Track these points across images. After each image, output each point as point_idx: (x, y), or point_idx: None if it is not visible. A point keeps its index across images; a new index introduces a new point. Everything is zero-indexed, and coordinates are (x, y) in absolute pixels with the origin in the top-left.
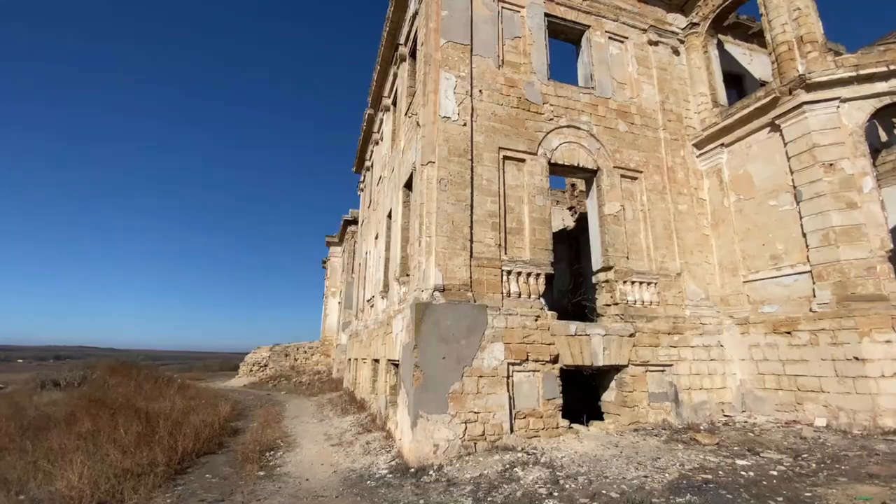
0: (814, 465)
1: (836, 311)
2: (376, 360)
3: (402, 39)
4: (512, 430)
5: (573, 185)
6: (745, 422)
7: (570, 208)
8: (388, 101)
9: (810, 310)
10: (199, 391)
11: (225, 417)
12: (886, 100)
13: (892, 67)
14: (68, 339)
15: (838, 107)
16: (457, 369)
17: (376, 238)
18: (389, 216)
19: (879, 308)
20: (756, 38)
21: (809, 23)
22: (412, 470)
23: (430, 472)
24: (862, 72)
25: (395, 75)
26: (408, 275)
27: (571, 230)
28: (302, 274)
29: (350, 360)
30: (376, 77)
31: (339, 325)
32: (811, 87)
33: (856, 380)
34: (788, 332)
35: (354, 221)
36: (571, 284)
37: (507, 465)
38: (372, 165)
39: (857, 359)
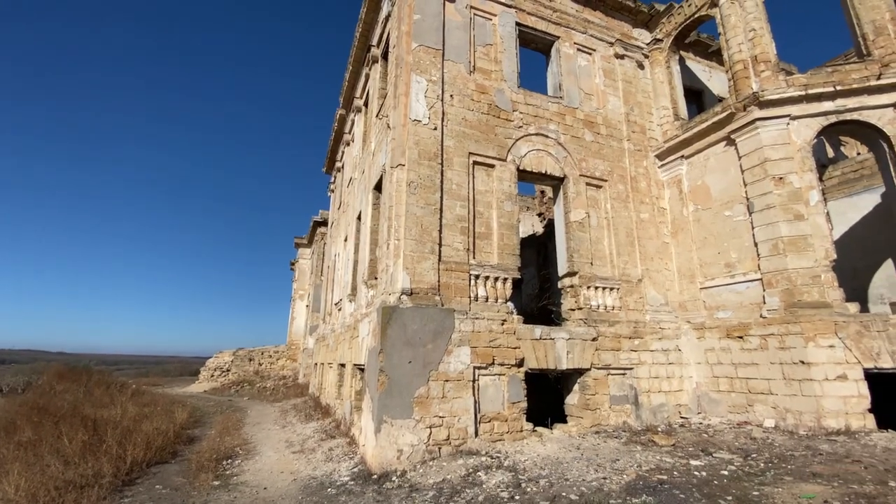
0: (762, 465)
1: (784, 317)
2: (342, 365)
3: (374, 41)
4: (477, 434)
5: (542, 192)
6: (700, 423)
7: (540, 214)
8: (359, 103)
9: (761, 316)
10: (155, 397)
11: (181, 425)
12: (833, 118)
13: (838, 88)
14: (14, 342)
15: (788, 124)
16: (423, 373)
17: (345, 240)
18: (359, 218)
19: (824, 314)
20: (715, 56)
21: (763, 43)
22: (375, 476)
23: (393, 479)
24: (811, 91)
25: (368, 76)
26: (376, 278)
27: (540, 236)
28: (269, 276)
29: (316, 364)
30: (348, 77)
31: (306, 329)
32: (764, 105)
33: (802, 383)
34: (741, 337)
35: (324, 223)
36: (539, 289)
37: (471, 470)
38: (343, 166)
39: (802, 363)
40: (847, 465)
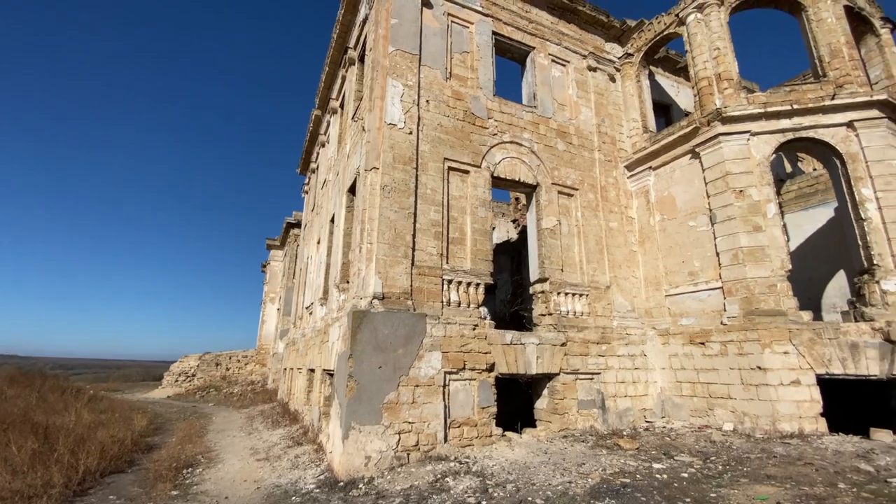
0: (720, 467)
1: (743, 324)
2: (312, 370)
3: (351, 43)
4: (446, 440)
5: (517, 199)
6: (664, 427)
7: (514, 221)
8: (335, 104)
9: (721, 323)
10: (113, 403)
11: (139, 432)
12: (790, 135)
13: (795, 107)
14: None
15: (748, 139)
16: (393, 379)
17: (318, 243)
18: (332, 221)
19: (779, 322)
20: (683, 72)
21: (727, 62)
22: (341, 484)
23: (360, 486)
24: (769, 109)
25: (344, 78)
26: (348, 282)
27: (514, 242)
28: (239, 278)
29: (285, 369)
30: (324, 78)
31: (276, 333)
32: (726, 120)
33: (758, 387)
34: (703, 343)
35: (297, 224)
36: (512, 294)
37: (439, 476)
38: (317, 168)
39: (759, 368)
40: (799, 467)
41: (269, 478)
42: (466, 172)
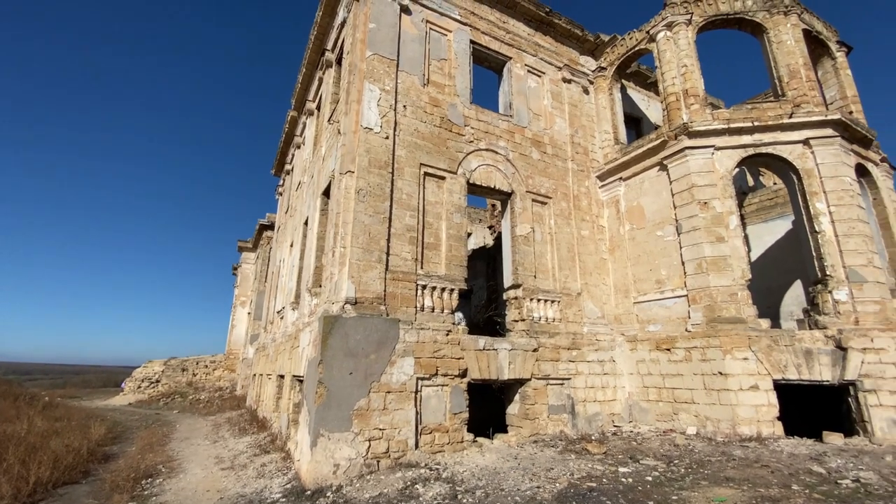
0: (682, 470)
1: (706, 331)
2: (281, 376)
3: (329, 45)
4: (417, 446)
5: (493, 206)
6: (631, 431)
7: (490, 227)
8: (312, 106)
9: (686, 329)
10: (70, 411)
11: (97, 441)
12: (751, 150)
13: (756, 124)
14: None
15: (713, 153)
16: (364, 385)
17: (291, 246)
18: (306, 224)
19: (739, 329)
20: (653, 86)
21: (694, 79)
22: (308, 492)
23: (328, 494)
24: (732, 125)
25: (321, 80)
26: (320, 286)
27: (490, 248)
28: (210, 281)
29: (255, 375)
30: (301, 79)
31: (247, 338)
32: (692, 135)
33: (720, 392)
34: (668, 349)
35: (271, 226)
36: (486, 300)
37: (409, 483)
38: (292, 169)
39: (721, 374)
40: (756, 469)
41: (234, 487)
42: (442, 178)
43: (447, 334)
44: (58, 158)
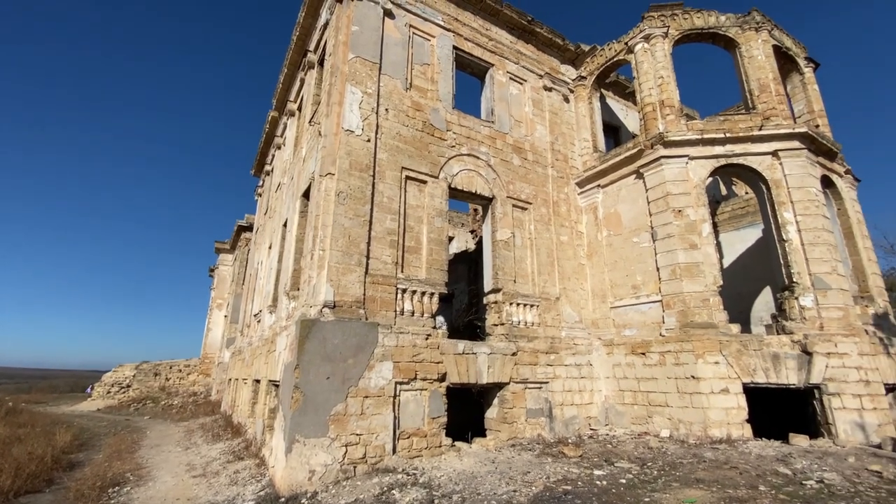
0: (655, 473)
1: (679, 335)
2: (257, 381)
3: (311, 46)
4: (395, 451)
5: (476, 210)
6: (607, 434)
7: (472, 231)
8: (293, 106)
9: (660, 334)
10: (35, 417)
11: (62, 448)
12: (723, 161)
13: (728, 135)
14: None
15: (687, 163)
16: (342, 390)
17: (270, 248)
18: (285, 226)
19: (711, 334)
20: (631, 96)
21: (669, 90)
22: (283, 500)
23: (303, 501)
24: (706, 136)
25: (303, 81)
26: (298, 289)
27: (472, 252)
28: (186, 283)
29: (230, 380)
30: (283, 80)
31: (223, 341)
32: (668, 144)
33: (692, 395)
34: (643, 353)
35: (249, 228)
36: (468, 304)
37: (385, 488)
38: (272, 170)
39: (693, 377)
40: (726, 470)
41: (205, 495)
42: (424, 182)
43: (427, 338)
44: (20, 155)
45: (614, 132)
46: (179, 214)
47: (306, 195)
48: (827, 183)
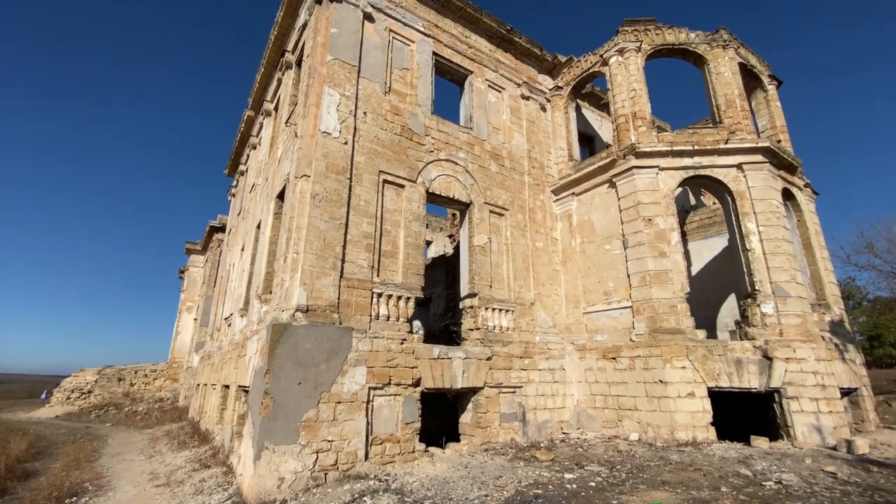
0: (623, 475)
1: (648, 340)
2: (227, 386)
3: (289, 46)
4: (367, 458)
5: (454, 215)
6: (578, 438)
7: (450, 236)
8: (269, 106)
9: (630, 339)
10: None
11: (16, 457)
12: (691, 172)
13: (696, 147)
14: None
15: (657, 173)
16: (313, 395)
17: (242, 250)
18: (259, 227)
19: (678, 339)
20: (606, 107)
21: (642, 102)
22: None
23: None
24: (675, 148)
25: (280, 81)
26: (271, 292)
27: (450, 256)
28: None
29: (199, 385)
30: (259, 79)
31: (192, 345)
32: (639, 155)
33: (660, 399)
34: (614, 358)
35: (222, 228)
36: (444, 308)
37: (356, 495)
38: (247, 170)
39: (661, 382)
40: (690, 472)
41: None
42: (402, 186)
43: (402, 343)
44: None
45: (589, 142)
46: (149, 213)
47: (281, 197)
48: (788, 195)
